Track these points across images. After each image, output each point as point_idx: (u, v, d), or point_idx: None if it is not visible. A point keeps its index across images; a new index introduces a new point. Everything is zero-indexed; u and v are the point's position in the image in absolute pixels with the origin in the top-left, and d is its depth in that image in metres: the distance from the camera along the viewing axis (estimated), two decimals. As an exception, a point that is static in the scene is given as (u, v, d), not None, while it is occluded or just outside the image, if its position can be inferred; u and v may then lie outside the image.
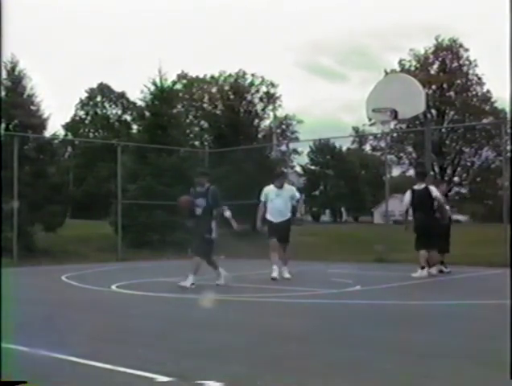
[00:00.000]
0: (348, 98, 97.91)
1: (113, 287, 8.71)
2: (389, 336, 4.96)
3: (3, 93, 16.76)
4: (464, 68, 46.05)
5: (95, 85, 63.39)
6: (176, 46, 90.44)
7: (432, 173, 15.95)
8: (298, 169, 61.01)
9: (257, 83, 56.46)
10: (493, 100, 46.01)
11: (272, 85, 56.64)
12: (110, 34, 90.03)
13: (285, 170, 23.91)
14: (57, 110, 74.94)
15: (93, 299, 7.90)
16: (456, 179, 47.65)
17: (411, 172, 44.67)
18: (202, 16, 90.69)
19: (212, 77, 58.35)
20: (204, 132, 50.61)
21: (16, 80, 17.16)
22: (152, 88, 20.50)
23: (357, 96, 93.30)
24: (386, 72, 42.75)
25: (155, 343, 4.70)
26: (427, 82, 40.79)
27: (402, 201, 10.96)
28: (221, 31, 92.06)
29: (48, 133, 18.29)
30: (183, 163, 19.27)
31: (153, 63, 58.75)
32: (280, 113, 57.11)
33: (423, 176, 10.92)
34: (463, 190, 48.81)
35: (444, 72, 45.49)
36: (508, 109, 36.11)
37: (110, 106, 64.19)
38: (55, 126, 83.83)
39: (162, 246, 17.33)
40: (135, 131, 33.23)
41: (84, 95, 63.39)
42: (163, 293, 8.07)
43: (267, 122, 53.16)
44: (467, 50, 45.66)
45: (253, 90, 55.10)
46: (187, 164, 19.15)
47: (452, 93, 46.12)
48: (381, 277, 11.00)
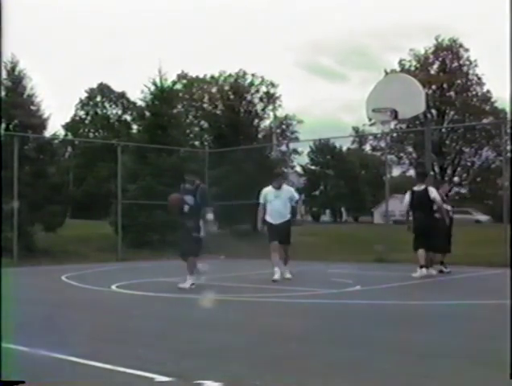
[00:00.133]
0: (348, 98, 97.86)
1: (113, 287, 8.71)
2: (389, 336, 4.96)
3: (3, 93, 16.77)
4: (464, 68, 46.02)
5: (95, 85, 63.45)
6: (176, 46, 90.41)
7: (432, 173, 15.93)
8: (298, 169, 60.97)
9: (257, 83, 56.52)
10: (493, 100, 46.06)
11: (272, 85, 56.72)
12: (110, 34, 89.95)
13: (285, 170, 23.93)
14: (57, 110, 74.95)
15: (93, 299, 7.91)
16: (456, 179, 47.63)
17: (411, 172, 44.68)
18: (202, 16, 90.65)
19: (212, 77, 58.39)
20: (204, 132, 50.58)
21: (16, 80, 17.17)
22: (152, 88, 20.55)
23: (357, 96, 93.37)
24: (386, 72, 42.73)
25: (155, 343, 4.70)
26: (427, 82, 40.77)
27: (402, 202, 10.98)
28: (221, 31, 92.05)
29: (48, 133, 18.33)
30: (183, 163, 19.24)
31: (153, 63, 58.96)
32: (280, 113, 57.24)
33: (423, 177, 10.91)
34: (463, 190, 48.83)
35: (444, 72, 45.47)
36: (508, 109, 36.21)
37: (110, 106, 64.17)
38: (55, 126, 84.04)
39: (162, 246, 17.32)
40: (135, 131, 33.19)
41: (84, 95, 63.46)
42: (163, 293, 8.06)
43: (267, 122, 53.21)
44: (467, 50, 45.70)
45: (253, 90, 55.08)
46: (187, 164, 19.13)
47: (452, 93, 46.09)
48: (381, 277, 11.00)
